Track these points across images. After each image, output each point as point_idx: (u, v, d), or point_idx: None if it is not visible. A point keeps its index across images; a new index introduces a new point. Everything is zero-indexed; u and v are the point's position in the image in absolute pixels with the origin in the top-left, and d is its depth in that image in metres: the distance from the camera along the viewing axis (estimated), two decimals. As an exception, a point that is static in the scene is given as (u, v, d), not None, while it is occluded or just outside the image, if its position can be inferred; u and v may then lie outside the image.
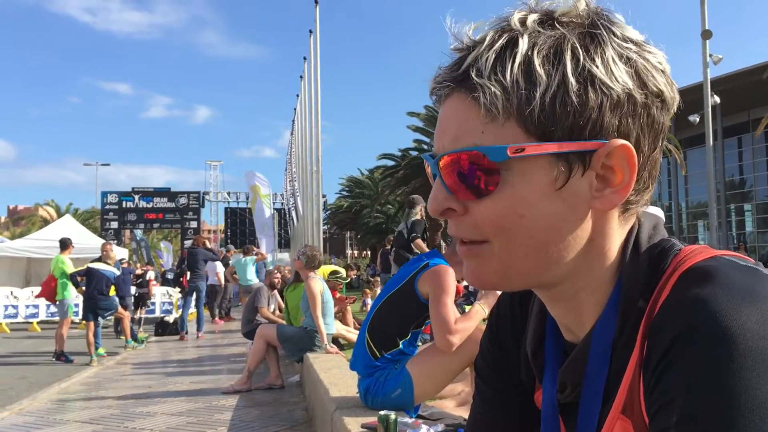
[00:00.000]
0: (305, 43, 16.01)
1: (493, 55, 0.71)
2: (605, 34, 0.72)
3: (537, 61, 0.70)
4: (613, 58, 0.71)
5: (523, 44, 0.71)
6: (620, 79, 0.71)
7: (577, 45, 0.71)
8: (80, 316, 11.72)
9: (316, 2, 14.62)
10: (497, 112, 0.70)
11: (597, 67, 0.70)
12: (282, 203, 33.22)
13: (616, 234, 0.78)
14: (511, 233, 0.73)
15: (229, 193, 43.22)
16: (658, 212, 2.92)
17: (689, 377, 0.62)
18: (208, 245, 16.48)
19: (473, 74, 0.71)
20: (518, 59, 0.70)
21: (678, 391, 0.63)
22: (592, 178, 0.72)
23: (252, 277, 15.40)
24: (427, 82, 0.79)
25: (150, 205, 38.98)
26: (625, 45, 0.72)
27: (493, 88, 0.70)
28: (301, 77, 18.38)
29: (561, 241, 0.74)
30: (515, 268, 0.75)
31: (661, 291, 0.72)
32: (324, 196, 23.65)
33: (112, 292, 11.00)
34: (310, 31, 15.38)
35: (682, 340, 0.64)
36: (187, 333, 13.59)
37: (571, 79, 0.69)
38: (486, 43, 0.72)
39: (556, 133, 0.70)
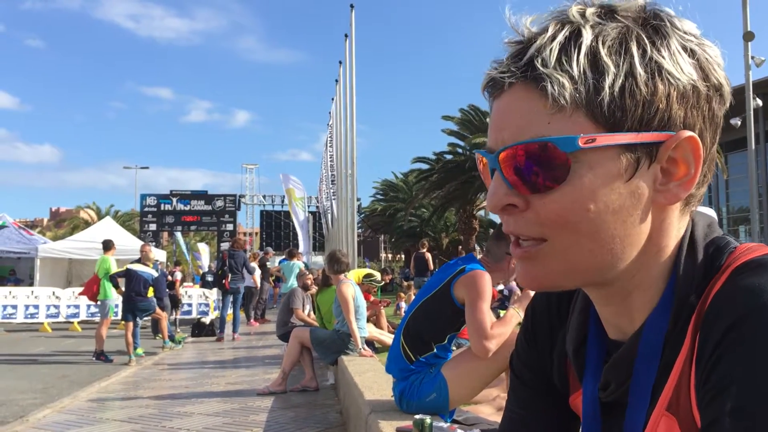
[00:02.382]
0: (341, 48, 16.08)
1: (558, 46, 0.70)
2: (668, 26, 0.72)
3: (603, 52, 0.69)
4: (678, 50, 0.71)
5: (587, 35, 0.70)
6: (686, 70, 0.70)
7: (643, 36, 0.70)
8: (120, 317, 11.92)
9: (352, 7, 14.70)
10: (565, 102, 0.68)
11: (663, 57, 0.70)
12: (317, 206, 33.39)
13: (674, 230, 0.77)
14: (578, 227, 0.71)
15: (264, 196, 43.55)
16: (711, 212, 2.87)
17: (744, 365, 0.61)
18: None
19: (539, 64, 0.70)
20: (584, 50, 0.69)
21: (732, 379, 0.62)
22: (657, 170, 0.72)
23: (293, 282, 15.32)
24: (483, 73, 0.77)
25: (187, 208, 39.51)
26: (687, 37, 0.72)
27: (561, 78, 0.68)
28: (336, 81, 18.51)
29: (626, 236, 0.72)
30: (580, 265, 0.74)
31: (713, 286, 0.71)
32: (358, 200, 23.67)
33: (151, 293, 11.17)
34: (346, 36, 15.48)
35: (735, 329, 0.63)
36: (223, 333, 13.73)
37: (639, 69, 0.69)
38: (549, 34, 0.71)
39: (625, 124, 0.69)
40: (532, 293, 1.00)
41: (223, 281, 13.97)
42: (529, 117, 0.71)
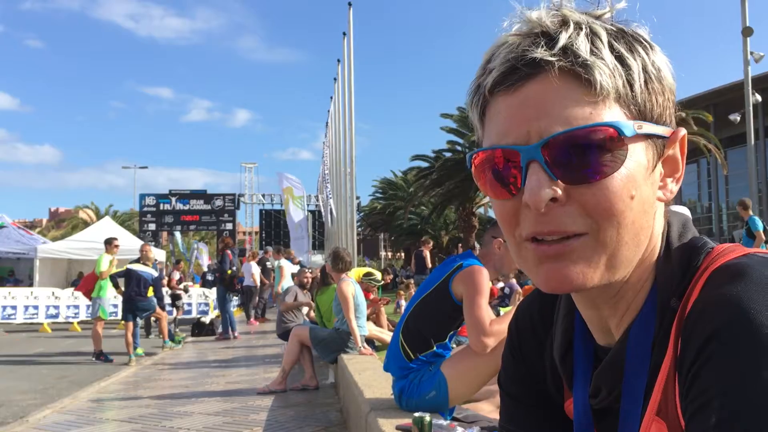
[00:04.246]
0: (340, 46, 16.07)
1: (586, 37, 0.69)
2: (646, 36, 0.74)
3: (623, 48, 0.70)
4: (662, 54, 0.74)
5: (602, 32, 0.71)
6: (671, 72, 0.73)
7: (641, 40, 0.72)
8: (119, 317, 11.92)
9: (350, 5, 14.69)
10: (608, 92, 0.68)
11: (660, 60, 0.73)
12: (317, 205, 33.38)
13: (659, 227, 0.78)
14: (623, 216, 0.70)
15: (263, 195, 43.55)
16: (685, 211, 2.87)
17: (725, 378, 0.61)
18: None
19: (579, 51, 0.68)
20: (606, 44, 0.70)
21: (714, 393, 0.61)
22: (660, 166, 0.73)
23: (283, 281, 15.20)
24: (504, 61, 0.73)
25: (186, 207, 39.51)
26: (655, 45, 0.75)
27: (604, 67, 0.68)
28: (335, 79, 18.49)
29: (647, 227, 0.73)
30: (620, 257, 0.72)
31: (692, 290, 0.71)
32: (357, 198, 23.66)
33: (151, 292, 11.16)
34: (344, 34, 15.46)
35: (715, 340, 0.63)
36: (223, 332, 13.73)
37: (650, 67, 0.71)
38: (572, 24, 0.70)
39: (652, 116, 0.70)
40: None
41: (233, 280, 13.98)
42: (571, 106, 0.69)
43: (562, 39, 0.69)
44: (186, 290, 17.24)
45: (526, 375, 0.97)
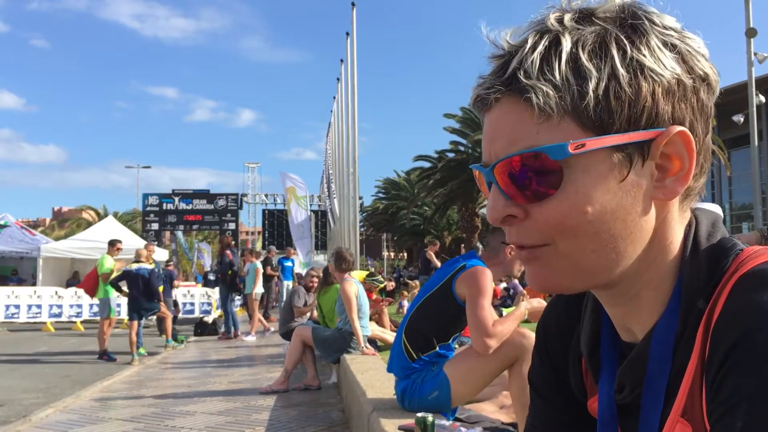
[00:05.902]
0: (344, 46, 16.07)
1: (538, 56, 0.70)
2: (646, 23, 0.72)
3: (584, 57, 0.69)
4: (658, 46, 0.71)
5: (567, 42, 0.70)
6: (668, 65, 0.71)
7: (621, 37, 0.70)
8: (123, 315, 11.93)
9: (353, 5, 14.69)
10: (551, 111, 0.69)
11: (644, 56, 0.70)
12: (320, 205, 33.41)
13: (678, 225, 0.77)
14: (577, 231, 0.71)
15: (266, 195, 43.43)
16: (716, 209, 2.85)
17: (752, 382, 0.61)
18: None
19: (521, 76, 0.70)
20: (564, 57, 0.70)
21: (741, 397, 0.61)
22: (652, 168, 0.72)
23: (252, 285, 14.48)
24: (470, 88, 0.78)
25: (189, 207, 39.41)
26: (667, 32, 0.72)
27: (544, 88, 0.69)
28: (338, 79, 18.50)
29: (627, 234, 0.73)
30: (584, 266, 0.74)
31: (721, 292, 0.71)
32: (360, 198, 23.66)
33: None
34: (347, 34, 15.45)
35: (743, 345, 0.63)
36: (226, 332, 13.76)
37: (621, 70, 0.69)
38: (528, 45, 0.72)
39: (613, 126, 0.69)
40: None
41: (234, 280, 13.96)
42: (518, 128, 0.72)
43: (512, 64, 0.72)
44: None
45: (551, 372, 0.99)
